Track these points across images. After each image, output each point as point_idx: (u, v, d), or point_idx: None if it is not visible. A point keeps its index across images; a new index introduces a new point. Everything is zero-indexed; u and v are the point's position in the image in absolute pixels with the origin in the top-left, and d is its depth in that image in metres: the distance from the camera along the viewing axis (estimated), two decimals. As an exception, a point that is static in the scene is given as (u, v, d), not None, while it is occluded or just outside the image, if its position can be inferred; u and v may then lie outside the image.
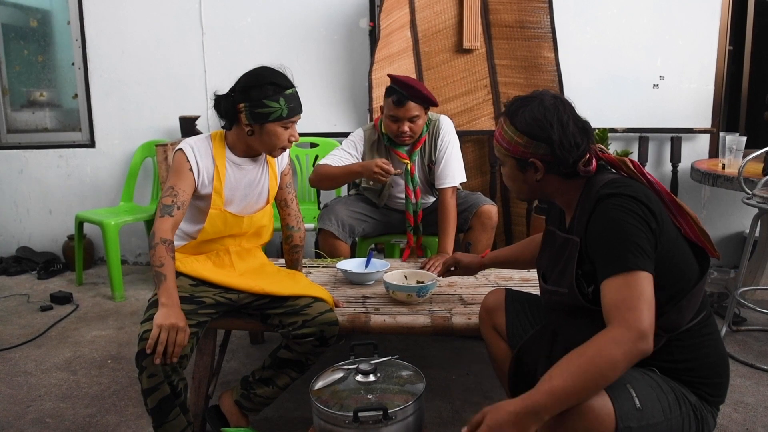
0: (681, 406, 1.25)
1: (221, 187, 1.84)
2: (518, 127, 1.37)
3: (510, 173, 1.45)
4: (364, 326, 1.88)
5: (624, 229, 1.21)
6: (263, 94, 1.76)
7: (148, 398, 1.63)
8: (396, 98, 2.45)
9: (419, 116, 2.51)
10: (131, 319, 3.07)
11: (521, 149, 1.37)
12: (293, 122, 1.84)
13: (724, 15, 3.62)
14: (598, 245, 1.25)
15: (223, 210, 1.86)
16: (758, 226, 2.74)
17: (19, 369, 2.52)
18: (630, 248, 1.19)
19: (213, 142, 1.88)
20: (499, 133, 1.42)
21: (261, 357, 2.48)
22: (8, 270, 3.86)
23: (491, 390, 2.28)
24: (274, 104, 1.77)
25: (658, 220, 1.25)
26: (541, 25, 3.39)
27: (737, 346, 2.66)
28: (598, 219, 1.27)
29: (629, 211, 1.23)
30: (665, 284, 1.24)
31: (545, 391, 1.12)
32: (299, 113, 1.84)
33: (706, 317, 1.34)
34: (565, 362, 1.14)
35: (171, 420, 1.66)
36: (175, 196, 1.76)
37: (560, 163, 1.35)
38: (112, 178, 4.02)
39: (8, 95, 4.10)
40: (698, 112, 3.70)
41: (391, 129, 2.54)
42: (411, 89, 2.44)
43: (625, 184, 1.29)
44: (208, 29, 3.81)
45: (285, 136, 1.83)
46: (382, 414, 1.38)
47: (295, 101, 1.83)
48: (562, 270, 1.37)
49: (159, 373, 1.60)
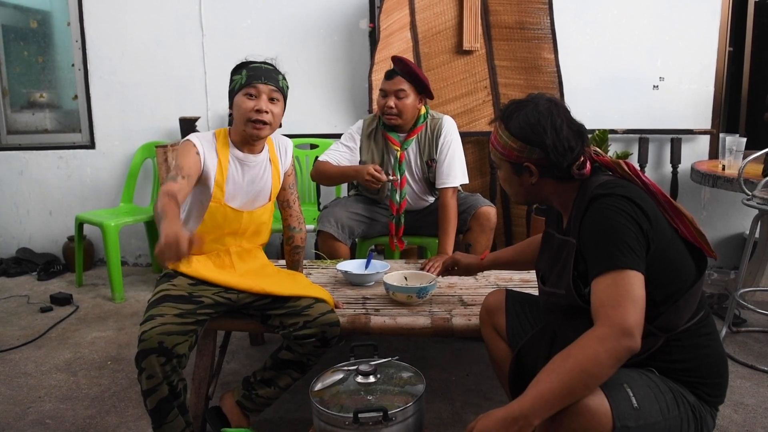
0: (679, 406, 1.25)
1: (223, 181, 1.85)
2: (512, 131, 1.37)
3: (506, 177, 1.47)
4: (364, 327, 1.88)
5: (614, 228, 1.22)
6: (232, 74, 1.89)
7: (147, 399, 1.64)
8: (387, 72, 2.55)
9: (406, 92, 2.55)
10: (131, 321, 3.07)
11: (515, 154, 1.38)
12: (255, 90, 1.81)
13: (724, 16, 3.62)
14: (589, 244, 1.27)
15: (223, 204, 1.86)
16: (758, 227, 2.74)
17: (19, 370, 2.52)
18: (619, 246, 1.20)
19: (217, 139, 1.90)
20: (495, 137, 1.44)
21: (261, 358, 2.48)
22: (8, 271, 3.86)
23: (491, 391, 2.28)
24: (236, 77, 1.86)
25: (651, 220, 1.26)
26: (541, 26, 3.40)
27: (737, 347, 2.66)
28: (589, 218, 1.28)
29: (620, 211, 1.24)
30: (661, 284, 1.25)
31: (533, 396, 1.13)
32: (261, 81, 1.82)
33: (705, 317, 1.34)
34: (552, 365, 1.15)
35: (169, 421, 1.66)
36: (180, 169, 1.76)
37: (554, 166, 1.36)
38: (112, 180, 4.03)
39: (8, 96, 4.10)
40: (698, 113, 3.70)
41: (380, 105, 2.61)
42: (403, 65, 2.53)
43: (618, 185, 1.30)
44: (208, 31, 3.81)
45: (249, 106, 1.81)
46: (382, 415, 1.38)
47: (258, 71, 1.83)
48: (560, 271, 1.37)
49: (158, 374, 1.60)
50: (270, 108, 1.83)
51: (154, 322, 1.63)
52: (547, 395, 1.12)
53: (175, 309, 1.69)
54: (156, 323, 1.62)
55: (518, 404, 1.14)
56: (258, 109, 1.81)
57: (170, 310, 1.68)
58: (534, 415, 1.13)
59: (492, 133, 1.46)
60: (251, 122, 1.82)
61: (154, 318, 1.64)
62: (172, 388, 1.64)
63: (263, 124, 1.83)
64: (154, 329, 1.60)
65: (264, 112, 1.82)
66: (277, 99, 1.86)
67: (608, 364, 1.12)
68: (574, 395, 1.13)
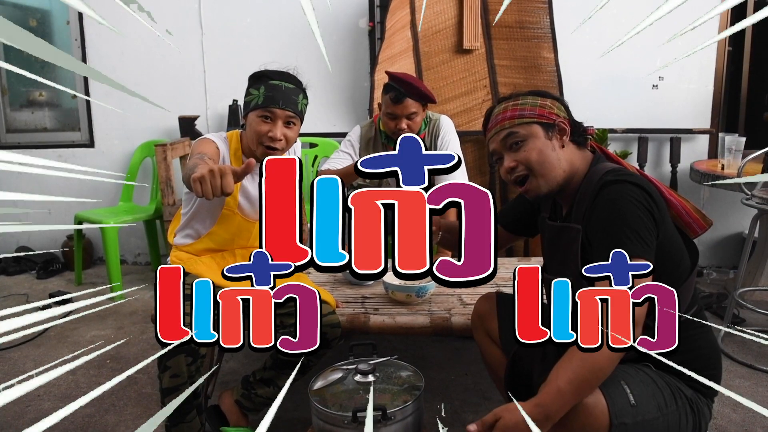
0: (677, 400, 1.25)
1: (236, 188, 1.80)
2: (538, 94, 1.41)
3: (541, 146, 1.36)
4: (363, 326, 1.88)
5: (625, 216, 1.22)
6: (250, 83, 1.76)
7: (166, 397, 1.62)
8: (393, 95, 2.42)
9: (417, 113, 2.49)
10: (130, 319, 3.07)
11: (546, 111, 1.38)
12: (271, 114, 1.70)
13: (723, 15, 3.62)
14: (599, 232, 1.26)
15: (235, 212, 1.84)
16: (757, 226, 2.74)
17: (18, 369, 2.52)
18: (629, 235, 1.20)
19: (230, 144, 1.83)
20: (514, 110, 1.39)
21: (260, 358, 2.47)
22: (7, 270, 3.86)
23: (489, 390, 2.28)
24: (254, 92, 1.73)
25: (660, 207, 1.26)
26: (541, 25, 3.39)
27: (736, 346, 2.66)
28: (600, 206, 1.27)
29: (632, 199, 1.23)
30: (660, 274, 1.25)
31: (554, 393, 1.12)
32: (278, 106, 1.69)
33: (698, 312, 1.36)
34: (566, 360, 1.15)
35: (188, 421, 1.66)
36: (203, 154, 1.61)
37: (576, 126, 1.39)
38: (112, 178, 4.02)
39: (7, 95, 4.09)
40: (697, 112, 3.70)
41: (389, 126, 2.53)
42: (409, 86, 2.41)
43: (627, 173, 1.30)
44: (208, 29, 3.81)
45: (263, 130, 1.70)
46: (381, 414, 1.38)
47: (277, 93, 1.69)
48: (563, 260, 1.37)
49: (183, 373, 1.59)
50: (285, 133, 1.73)
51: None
52: (566, 391, 1.12)
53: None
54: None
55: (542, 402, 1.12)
56: (272, 137, 1.71)
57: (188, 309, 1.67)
58: (556, 413, 1.12)
59: (504, 112, 1.40)
60: (262, 146, 1.74)
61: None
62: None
63: (275, 150, 1.74)
64: None
65: (278, 140, 1.72)
66: (293, 123, 1.76)
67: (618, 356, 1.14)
68: (589, 389, 1.14)
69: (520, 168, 1.37)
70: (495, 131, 1.41)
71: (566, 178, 1.37)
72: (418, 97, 2.45)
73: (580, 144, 1.41)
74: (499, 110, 1.42)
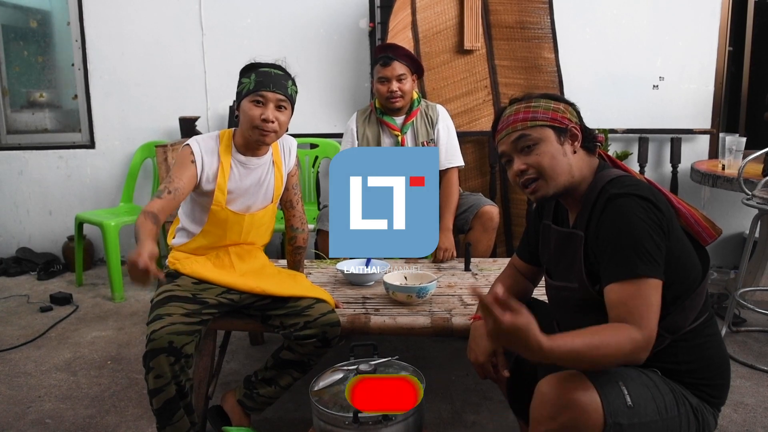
0: (680, 407, 1.24)
1: (224, 184, 1.85)
2: (551, 97, 1.39)
3: (553, 151, 1.34)
4: (364, 327, 1.88)
5: (634, 235, 1.20)
6: (241, 75, 1.85)
7: (153, 399, 1.63)
8: (382, 60, 2.59)
9: (406, 75, 2.62)
10: (131, 320, 3.07)
11: (559, 115, 1.36)
12: (263, 97, 1.78)
13: (723, 15, 3.62)
14: (608, 248, 1.24)
15: (224, 207, 1.86)
16: (758, 226, 2.74)
17: (19, 370, 2.52)
18: (640, 254, 1.19)
19: (221, 141, 1.89)
20: (526, 112, 1.37)
21: (261, 358, 2.48)
22: (8, 271, 3.86)
23: (491, 391, 2.28)
24: (245, 80, 1.83)
25: (668, 218, 1.25)
26: (542, 25, 3.39)
27: (737, 346, 2.66)
28: (608, 219, 1.25)
29: (640, 216, 1.21)
30: (671, 283, 1.24)
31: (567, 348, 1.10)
32: (269, 89, 1.78)
33: (709, 318, 1.34)
34: (590, 333, 1.14)
35: (175, 422, 1.66)
36: (170, 182, 1.76)
37: (587, 132, 1.38)
38: (112, 179, 4.02)
39: (8, 96, 4.10)
40: (698, 112, 3.70)
41: (381, 92, 2.63)
42: (395, 50, 2.61)
43: (632, 183, 1.28)
44: (208, 30, 3.81)
45: (255, 114, 1.78)
46: (382, 415, 1.38)
47: (267, 78, 1.79)
48: (569, 265, 1.36)
49: (166, 374, 1.59)
50: (277, 116, 1.80)
51: (163, 321, 1.62)
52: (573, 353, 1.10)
53: (182, 309, 1.69)
54: (165, 323, 1.61)
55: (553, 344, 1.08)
56: (264, 118, 1.79)
57: (177, 309, 1.68)
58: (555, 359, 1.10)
59: (516, 113, 1.38)
60: (257, 129, 1.81)
61: (162, 317, 1.63)
62: (179, 388, 1.64)
63: (269, 132, 1.81)
64: (163, 329, 1.60)
65: (270, 122, 1.79)
66: (284, 107, 1.83)
67: (621, 362, 1.15)
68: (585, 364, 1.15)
69: (531, 171, 1.35)
70: (506, 132, 1.38)
71: (574, 184, 1.36)
72: (405, 59, 2.61)
73: (590, 150, 1.39)
74: (510, 111, 1.40)
